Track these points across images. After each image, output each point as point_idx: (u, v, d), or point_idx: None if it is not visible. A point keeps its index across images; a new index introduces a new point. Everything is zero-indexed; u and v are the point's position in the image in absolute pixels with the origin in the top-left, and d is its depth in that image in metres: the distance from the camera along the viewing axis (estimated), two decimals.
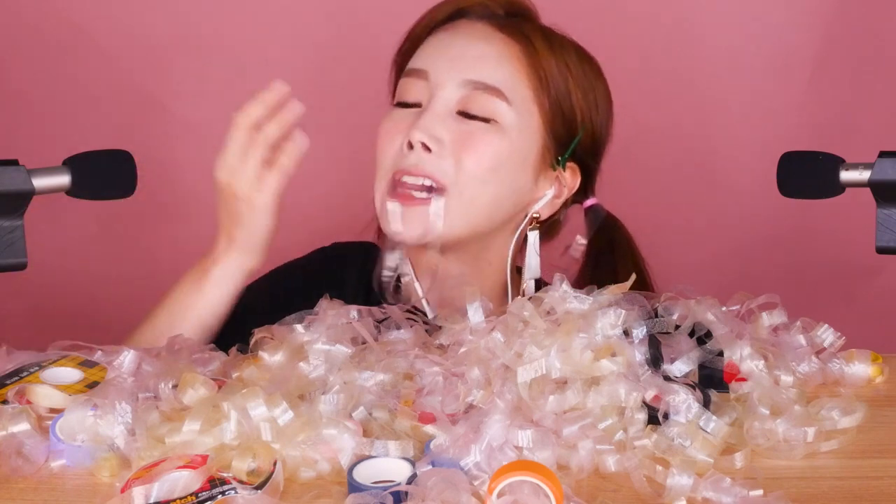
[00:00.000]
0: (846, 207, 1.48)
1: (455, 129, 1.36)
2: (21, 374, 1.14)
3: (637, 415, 1.01)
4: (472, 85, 1.37)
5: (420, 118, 1.36)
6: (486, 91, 1.37)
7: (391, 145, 1.38)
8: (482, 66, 1.38)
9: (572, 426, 0.98)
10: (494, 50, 1.39)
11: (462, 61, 1.38)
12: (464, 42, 1.39)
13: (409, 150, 1.35)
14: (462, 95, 1.37)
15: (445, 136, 1.35)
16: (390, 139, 1.38)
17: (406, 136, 1.36)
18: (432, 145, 1.35)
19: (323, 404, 1.04)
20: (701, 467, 0.96)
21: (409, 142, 1.35)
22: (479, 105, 1.37)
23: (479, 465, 0.94)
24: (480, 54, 1.38)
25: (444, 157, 1.35)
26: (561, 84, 1.40)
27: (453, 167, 1.35)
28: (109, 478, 0.99)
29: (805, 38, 2.38)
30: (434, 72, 1.38)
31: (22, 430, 1.03)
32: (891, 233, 1.27)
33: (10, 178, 1.25)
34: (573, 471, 0.96)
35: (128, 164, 1.33)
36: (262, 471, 0.94)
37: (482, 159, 1.36)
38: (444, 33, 1.41)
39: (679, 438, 0.98)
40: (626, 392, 1.01)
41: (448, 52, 1.39)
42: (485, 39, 1.39)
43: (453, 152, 1.35)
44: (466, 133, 1.36)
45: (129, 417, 1.03)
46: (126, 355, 1.16)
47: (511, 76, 1.38)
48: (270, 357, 1.14)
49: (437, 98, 1.37)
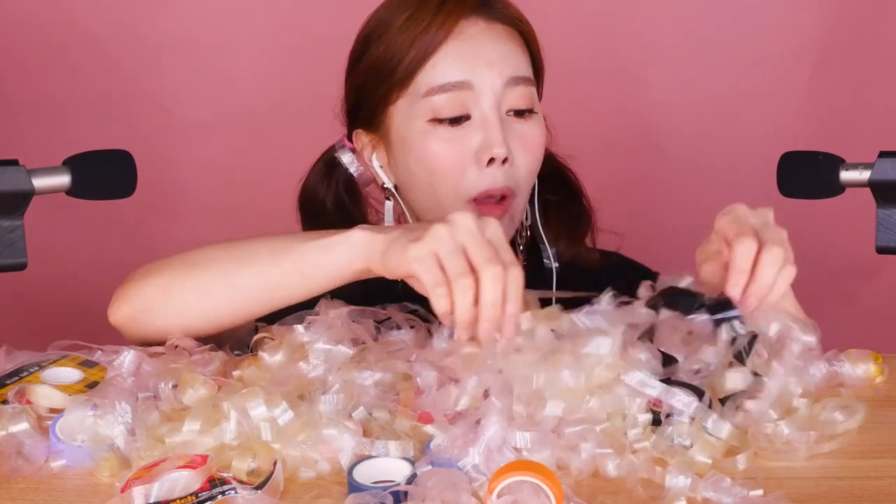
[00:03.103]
0: (846, 207, 1.48)
1: (515, 132, 1.38)
2: (21, 374, 1.14)
3: (640, 416, 1.01)
4: (514, 81, 1.39)
5: (490, 131, 1.36)
6: (525, 83, 1.40)
7: (460, 166, 1.37)
8: (513, 60, 1.40)
9: (572, 428, 0.98)
10: (510, 43, 1.41)
11: (497, 63, 1.38)
12: (487, 43, 1.39)
13: (487, 167, 1.36)
14: (508, 95, 1.38)
15: (511, 143, 1.38)
16: (458, 159, 1.37)
17: (483, 153, 1.36)
18: (509, 156, 1.37)
19: (323, 404, 1.04)
20: (700, 468, 0.96)
21: (492, 158, 1.35)
22: (524, 99, 1.40)
23: (477, 467, 0.94)
24: (506, 50, 1.40)
25: (513, 163, 1.38)
26: (536, 45, 1.45)
27: (520, 169, 1.39)
28: (109, 478, 0.98)
29: (805, 38, 2.38)
30: (477, 80, 1.37)
31: (22, 430, 1.03)
32: (891, 233, 1.28)
33: (10, 178, 1.25)
34: (573, 472, 0.96)
35: (128, 164, 1.33)
36: (262, 471, 0.94)
37: (536, 155, 1.41)
38: (458, 41, 1.39)
39: (679, 438, 0.98)
40: (629, 398, 1.01)
41: (480, 57, 1.38)
42: (498, 35, 1.40)
43: (518, 155, 1.38)
44: (522, 135, 1.39)
45: (129, 417, 1.03)
46: (126, 355, 1.16)
47: (527, 61, 1.42)
48: (270, 357, 1.14)
49: (492, 105, 1.37)
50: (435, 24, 1.38)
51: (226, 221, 2.19)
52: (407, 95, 1.40)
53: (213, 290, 1.25)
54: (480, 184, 1.37)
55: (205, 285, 1.25)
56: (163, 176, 2.24)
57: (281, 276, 1.22)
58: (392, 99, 1.41)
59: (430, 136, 1.38)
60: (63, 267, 2.28)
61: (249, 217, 1.91)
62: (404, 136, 1.41)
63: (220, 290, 1.25)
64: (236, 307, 1.25)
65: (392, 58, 1.40)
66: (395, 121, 1.42)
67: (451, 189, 1.38)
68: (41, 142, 2.27)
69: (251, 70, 2.40)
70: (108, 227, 2.31)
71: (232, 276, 1.24)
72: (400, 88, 1.40)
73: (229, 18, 2.41)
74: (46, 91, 2.39)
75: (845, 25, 2.37)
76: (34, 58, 2.37)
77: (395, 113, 1.41)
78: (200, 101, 2.40)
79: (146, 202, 1.68)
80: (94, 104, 2.39)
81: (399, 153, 1.42)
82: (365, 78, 1.44)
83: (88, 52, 2.36)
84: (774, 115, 2.39)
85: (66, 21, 2.35)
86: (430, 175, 1.39)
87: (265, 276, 1.23)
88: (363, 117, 1.46)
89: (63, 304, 2.23)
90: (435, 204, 1.40)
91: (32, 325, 2.13)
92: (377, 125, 1.44)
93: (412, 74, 1.39)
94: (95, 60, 2.37)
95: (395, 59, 1.39)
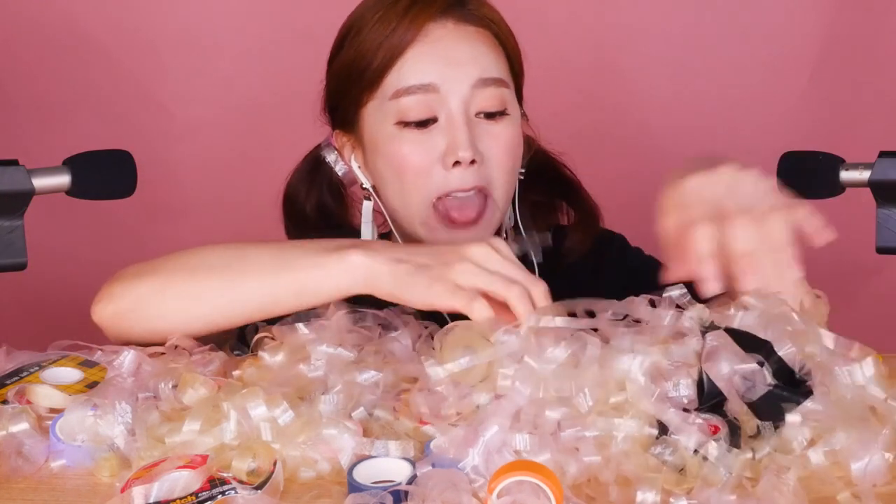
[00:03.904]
0: (846, 207, 1.48)
1: (485, 133, 1.38)
2: (21, 374, 1.14)
3: (647, 429, 0.97)
4: (483, 83, 1.38)
5: (456, 133, 1.36)
6: (495, 85, 1.39)
7: (426, 168, 1.37)
8: (482, 62, 1.39)
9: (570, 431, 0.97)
10: (481, 44, 1.40)
11: (464, 64, 1.38)
12: (454, 45, 1.39)
13: (453, 168, 1.36)
14: (477, 96, 1.38)
15: (480, 144, 1.37)
16: (424, 162, 1.37)
17: (448, 156, 1.36)
18: (477, 157, 1.36)
19: (323, 404, 1.04)
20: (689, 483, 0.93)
21: (457, 160, 1.35)
22: (494, 100, 1.39)
23: (476, 468, 0.94)
24: (475, 52, 1.39)
25: (484, 163, 1.37)
26: (514, 45, 1.44)
27: (493, 169, 1.38)
28: (109, 478, 0.98)
29: (805, 38, 2.38)
30: (443, 82, 1.37)
31: (22, 430, 1.03)
32: (891, 233, 1.27)
33: (10, 178, 1.25)
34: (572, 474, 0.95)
35: (128, 164, 1.34)
36: (262, 471, 0.94)
37: (509, 152, 1.40)
38: (425, 44, 1.38)
39: (667, 456, 0.95)
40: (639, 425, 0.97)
41: (447, 59, 1.38)
42: (467, 37, 1.39)
43: (489, 156, 1.38)
44: (494, 134, 1.38)
45: (129, 417, 1.03)
46: (126, 355, 1.16)
47: (500, 62, 1.41)
48: (271, 357, 1.14)
49: (458, 108, 1.37)
50: (402, 25, 1.38)
51: (225, 221, 2.20)
52: (376, 98, 1.40)
53: (210, 298, 1.25)
54: (448, 184, 1.37)
55: (202, 291, 1.25)
56: (163, 176, 2.24)
57: (278, 291, 1.22)
58: (363, 101, 1.41)
59: (398, 139, 1.38)
60: (63, 267, 2.28)
61: (249, 217, 1.91)
62: (374, 138, 1.41)
63: (217, 298, 1.25)
64: (230, 315, 1.25)
65: (362, 59, 1.40)
66: (367, 122, 1.42)
67: (418, 190, 1.38)
68: (41, 142, 2.27)
69: (251, 70, 2.40)
70: (108, 227, 2.31)
71: (230, 286, 1.24)
72: (370, 91, 1.40)
73: (229, 18, 2.41)
74: (46, 91, 2.39)
75: (845, 26, 2.37)
76: (34, 58, 2.37)
77: (366, 115, 1.42)
78: (200, 101, 2.40)
79: (146, 202, 1.68)
80: (93, 104, 2.39)
81: (370, 155, 1.43)
82: (339, 79, 1.44)
83: (88, 52, 2.37)
84: (774, 115, 2.39)
85: (67, 21, 2.35)
86: (397, 177, 1.39)
87: (262, 290, 1.23)
88: (339, 118, 1.47)
89: (63, 304, 2.23)
90: (402, 204, 1.41)
91: (32, 325, 2.13)
92: (352, 126, 1.45)
93: (380, 77, 1.39)
94: (95, 60, 2.37)
95: (364, 60, 1.39)
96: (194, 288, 1.25)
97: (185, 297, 1.25)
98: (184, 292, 1.25)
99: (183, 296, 1.25)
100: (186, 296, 1.25)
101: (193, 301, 1.25)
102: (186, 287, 1.26)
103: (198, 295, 1.25)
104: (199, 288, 1.25)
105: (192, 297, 1.25)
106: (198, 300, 1.25)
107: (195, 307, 1.25)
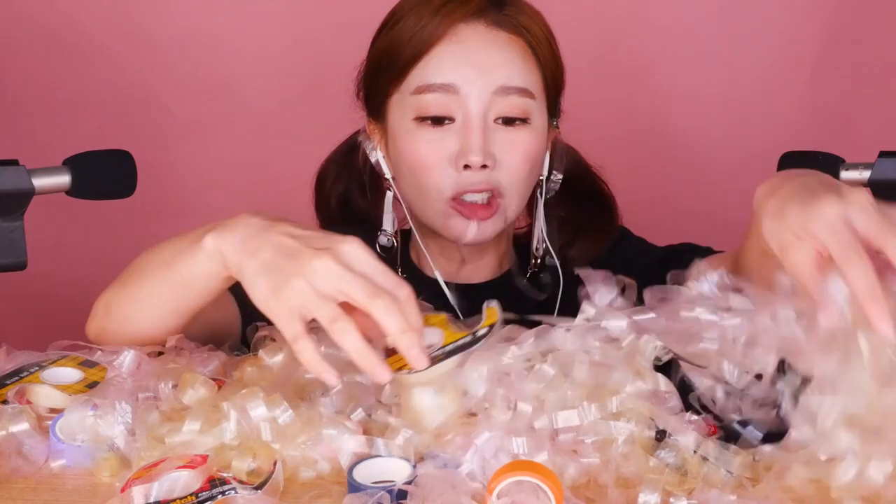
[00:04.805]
0: None
1: (501, 139, 1.38)
2: (21, 374, 1.14)
3: (646, 432, 0.98)
4: (505, 91, 1.38)
5: (470, 137, 1.36)
6: (519, 94, 1.38)
7: (439, 167, 1.38)
8: (507, 70, 1.38)
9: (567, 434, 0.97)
10: (510, 51, 1.39)
11: (488, 70, 1.37)
12: (481, 48, 1.38)
13: (465, 170, 1.37)
14: (497, 103, 1.38)
15: (496, 149, 1.37)
16: (437, 161, 1.38)
17: (460, 159, 1.36)
18: (489, 162, 1.37)
19: (323, 405, 1.04)
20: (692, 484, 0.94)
21: (468, 164, 1.36)
22: (515, 108, 1.38)
23: (472, 473, 0.94)
24: (502, 59, 1.39)
25: (498, 168, 1.38)
26: (550, 56, 1.43)
27: (506, 175, 1.38)
28: (109, 478, 0.99)
29: (805, 38, 2.38)
30: (464, 84, 1.37)
31: (22, 430, 1.03)
32: None
33: (10, 178, 1.25)
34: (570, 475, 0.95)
35: (128, 164, 1.34)
36: (262, 471, 0.95)
37: (526, 160, 1.40)
38: (452, 43, 1.38)
39: (670, 459, 0.95)
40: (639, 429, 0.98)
41: (470, 62, 1.38)
42: (497, 42, 1.39)
43: (504, 161, 1.38)
44: (510, 141, 1.38)
45: (129, 417, 1.03)
46: (126, 355, 1.16)
47: (529, 71, 1.40)
48: (271, 357, 1.14)
49: (476, 112, 1.37)
50: (433, 22, 1.38)
51: None
52: (401, 91, 1.41)
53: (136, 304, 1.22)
54: (461, 183, 1.37)
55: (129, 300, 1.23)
56: (163, 176, 2.24)
57: (172, 287, 1.17)
58: (390, 91, 1.42)
59: (414, 133, 1.39)
60: (63, 267, 2.28)
61: None
62: (396, 130, 1.42)
63: (146, 301, 1.21)
64: (165, 317, 1.21)
65: (394, 50, 1.40)
66: (392, 114, 1.43)
67: (433, 186, 1.39)
68: (41, 142, 2.27)
69: (251, 70, 2.40)
70: (108, 227, 2.31)
71: (147, 289, 1.21)
72: (397, 82, 1.41)
73: (229, 18, 2.41)
74: (46, 91, 2.39)
75: (845, 26, 2.37)
76: (34, 58, 2.37)
77: (392, 106, 1.43)
78: (200, 101, 2.40)
79: (146, 202, 1.68)
80: (94, 104, 2.39)
81: (392, 146, 1.44)
82: (372, 66, 1.46)
83: (89, 51, 2.37)
84: (774, 116, 2.39)
85: (67, 21, 2.35)
86: (411, 171, 1.40)
87: (164, 288, 1.19)
88: (371, 106, 1.48)
89: (63, 304, 2.23)
90: (419, 198, 1.42)
91: (32, 325, 2.13)
92: (380, 115, 1.46)
93: (406, 70, 1.39)
94: (96, 60, 2.37)
95: (395, 51, 1.40)
96: (132, 294, 1.23)
97: (126, 307, 1.23)
98: (128, 299, 1.23)
99: (123, 306, 1.24)
100: (131, 303, 1.23)
101: (137, 306, 1.22)
102: (122, 298, 1.24)
103: (135, 302, 1.22)
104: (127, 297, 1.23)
105: (134, 302, 1.23)
106: (135, 307, 1.22)
107: (142, 312, 1.22)
